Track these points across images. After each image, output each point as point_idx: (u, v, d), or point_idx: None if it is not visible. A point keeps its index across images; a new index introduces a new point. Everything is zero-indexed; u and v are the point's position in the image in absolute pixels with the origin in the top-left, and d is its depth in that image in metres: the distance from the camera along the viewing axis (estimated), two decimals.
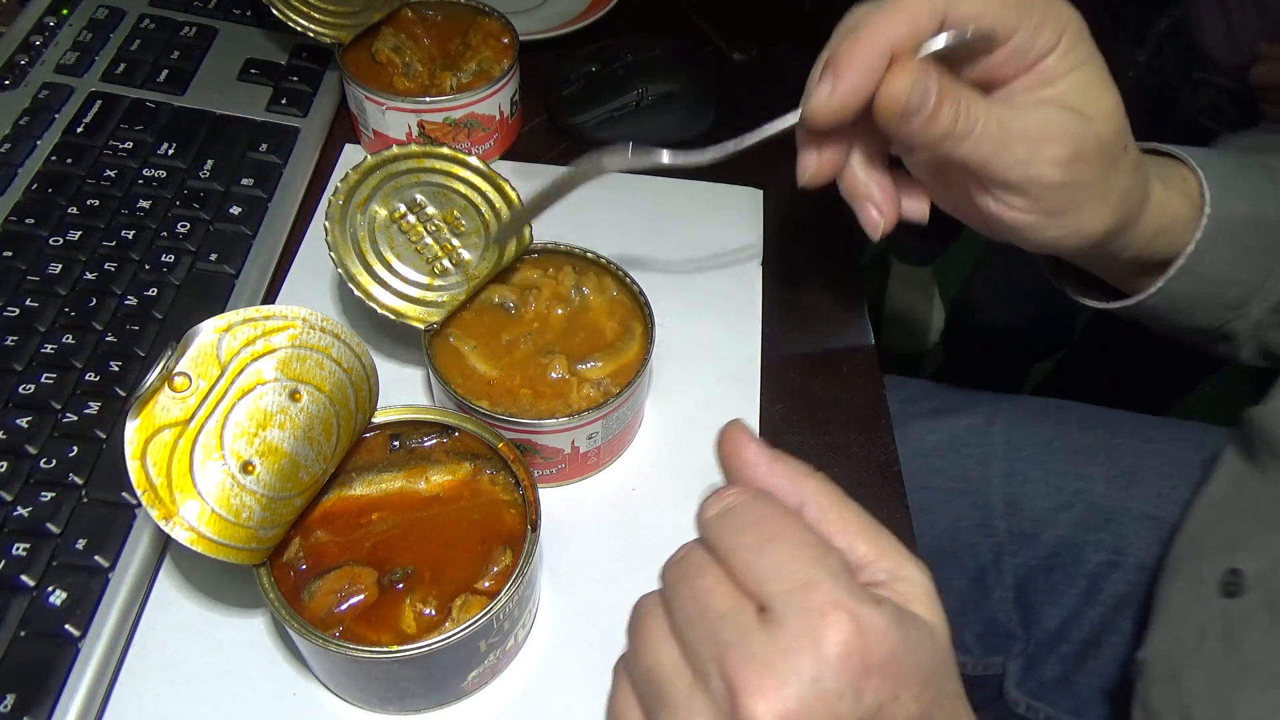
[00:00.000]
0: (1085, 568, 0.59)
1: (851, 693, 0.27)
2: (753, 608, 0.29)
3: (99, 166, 0.53)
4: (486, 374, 0.44)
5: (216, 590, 0.42)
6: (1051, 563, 0.60)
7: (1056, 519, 0.60)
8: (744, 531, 0.30)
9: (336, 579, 0.36)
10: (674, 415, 0.50)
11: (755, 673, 0.27)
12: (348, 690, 0.39)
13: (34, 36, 0.59)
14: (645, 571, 0.44)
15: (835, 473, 0.48)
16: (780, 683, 0.27)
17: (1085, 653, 0.58)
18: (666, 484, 0.47)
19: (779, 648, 0.28)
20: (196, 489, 0.34)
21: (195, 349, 0.35)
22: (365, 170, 0.46)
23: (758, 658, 0.28)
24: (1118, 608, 0.58)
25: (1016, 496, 0.61)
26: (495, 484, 0.40)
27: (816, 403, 0.52)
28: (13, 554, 0.39)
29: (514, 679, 0.41)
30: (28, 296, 0.47)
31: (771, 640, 0.28)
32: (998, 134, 0.38)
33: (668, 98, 0.62)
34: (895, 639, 0.28)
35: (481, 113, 0.57)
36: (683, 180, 0.62)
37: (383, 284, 0.44)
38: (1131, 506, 0.59)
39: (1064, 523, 0.60)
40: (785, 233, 0.60)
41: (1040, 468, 0.61)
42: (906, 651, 0.28)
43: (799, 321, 0.55)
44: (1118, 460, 0.61)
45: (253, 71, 0.60)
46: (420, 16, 0.61)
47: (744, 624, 0.29)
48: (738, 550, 0.30)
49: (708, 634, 0.29)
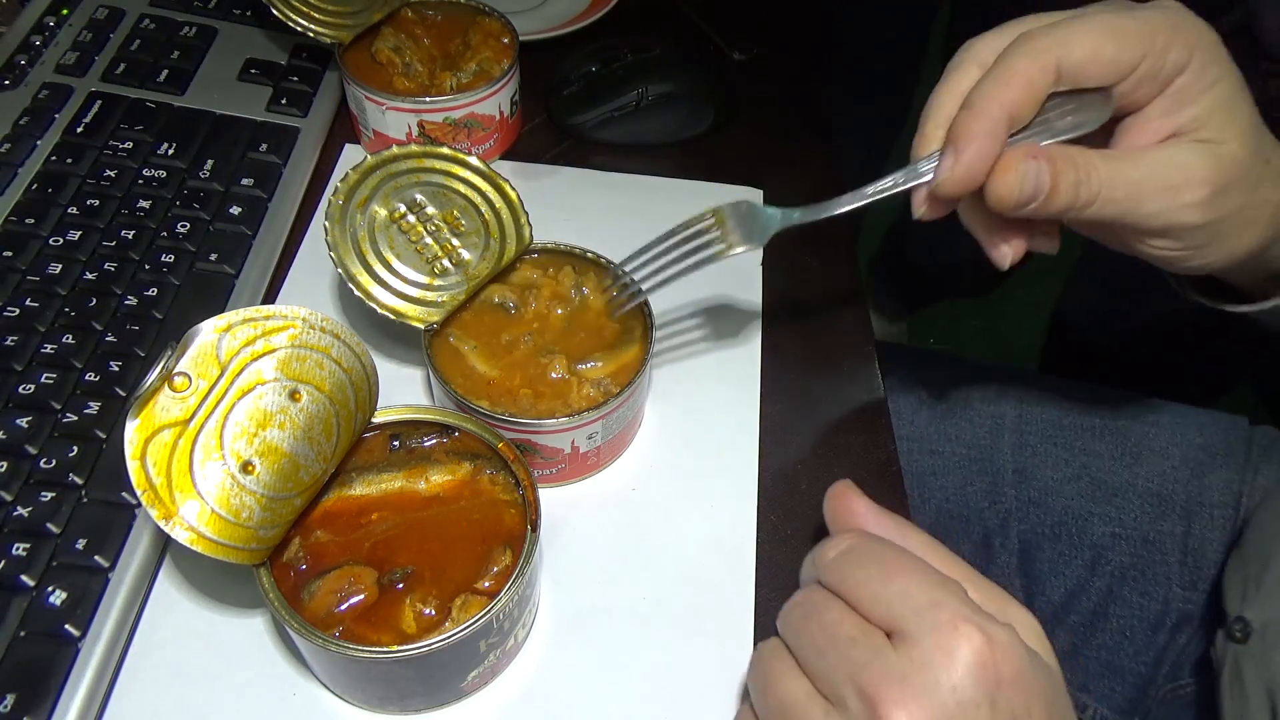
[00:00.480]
0: (1090, 538, 0.60)
1: (988, 702, 0.28)
2: (881, 633, 0.30)
3: (99, 166, 0.53)
4: (486, 374, 0.44)
5: (216, 590, 0.42)
6: (1058, 531, 0.61)
7: (1064, 489, 0.61)
8: (866, 565, 0.32)
9: (336, 579, 0.36)
10: (674, 415, 0.50)
11: (894, 686, 0.29)
12: (348, 690, 0.39)
13: (34, 36, 0.59)
14: (645, 571, 0.44)
15: (835, 473, 0.49)
16: (918, 693, 0.28)
17: (1094, 624, 0.60)
18: (666, 484, 0.47)
19: (914, 662, 0.29)
20: (196, 489, 0.34)
21: (195, 349, 0.35)
22: (365, 170, 0.46)
23: (894, 672, 0.29)
24: (1123, 579, 0.59)
25: (1026, 466, 0.62)
26: (495, 484, 0.40)
27: (816, 403, 0.52)
28: (13, 554, 0.39)
29: (514, 679, 0.41)
30: (28, 296, 0.47)
31: (906, 656, 0.29)
32: (1127, 193, 0.37)
33: (668, 98, 0.62)
34: (1022, 653, 0.29)
35: (481, 113, 0.57)
36: (683, 180, 0.62)
37: (383, 284, 0.44)
38: (1136, 483, 0.61)
39: (1071, 493, 0.61)
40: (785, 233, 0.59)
41: (1049, 441, 0.63)
42: (1033, 669, 0.30)
43: (799, 321, 0.55)
44: (1123, 439, 0.62)
45: (253, 71, 0.60)
46: (420, 16, 0.61)
47: (876, 645, 0.30)
48: (864, 583, 0.32)
49: (840, 659, 0.30)
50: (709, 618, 0.43)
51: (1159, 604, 0.59)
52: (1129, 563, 0.59)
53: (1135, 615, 0.59)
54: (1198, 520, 0.59)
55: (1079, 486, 0.61)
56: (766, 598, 0.44)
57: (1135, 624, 0.59)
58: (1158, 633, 0.59)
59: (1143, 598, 0.59)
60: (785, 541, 0.46)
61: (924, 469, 0.63)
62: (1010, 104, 0.36)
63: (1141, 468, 0.61)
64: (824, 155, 0.65)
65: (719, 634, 0.42)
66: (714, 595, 0.44)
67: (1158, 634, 0.59)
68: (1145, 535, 0.60)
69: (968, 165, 0.37)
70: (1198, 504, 0.59)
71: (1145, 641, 0.59)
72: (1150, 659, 0.59)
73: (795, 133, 0.66)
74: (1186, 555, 0.59)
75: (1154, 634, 0.59)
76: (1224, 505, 0.59)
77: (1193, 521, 0.59)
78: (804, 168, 0.64)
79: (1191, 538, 0.59)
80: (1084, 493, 0.61)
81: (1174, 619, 0.58)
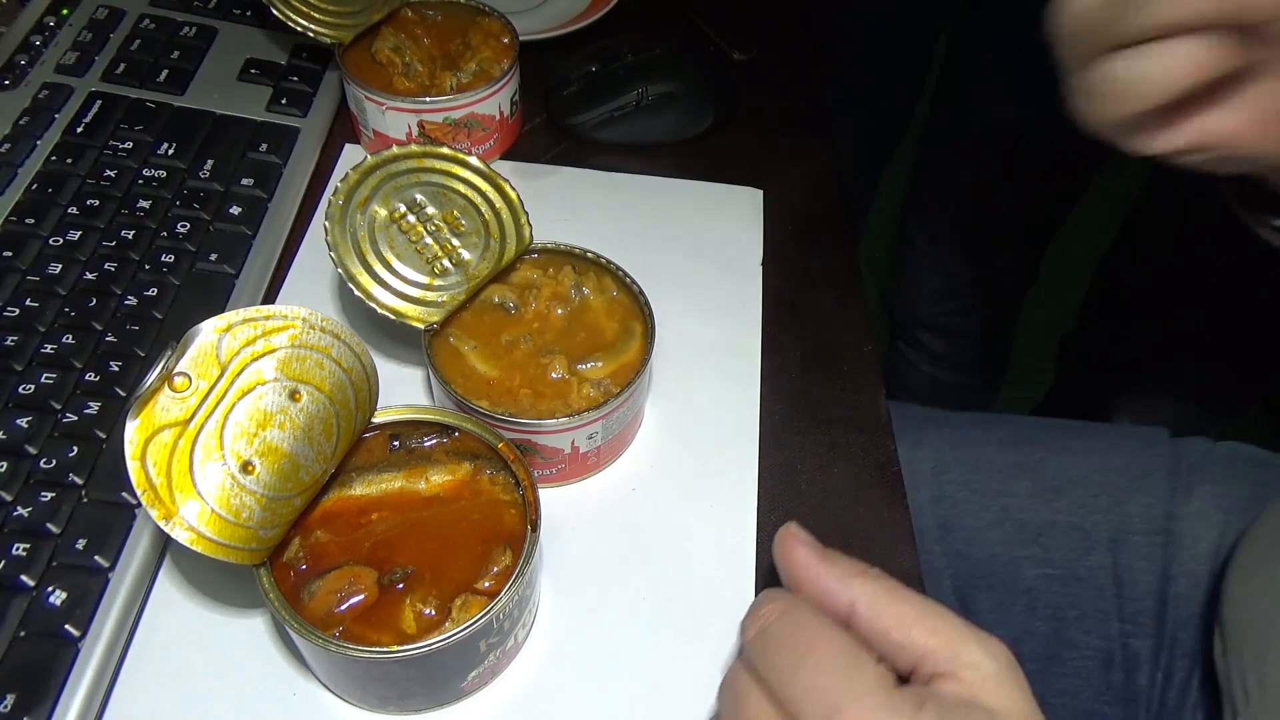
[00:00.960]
0: (1022, 583, 0.59)
1: None
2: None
3: (99, 166, 0.53)
4: (486, 374, 0.44)
5: (216, 590, 0.42)
6: (990, 580, 0.60)
7: (987, 536, 0.60)
8: (778, 652, 0.32)
9: (336, 579, 0.36)
10: (674, 415, 0.50)
11: None
12: (348, 690, 0.39)
13: (34, 36, 0.59)
14: (645, 571, 0.44)
15: (835, 473, 0.49)
16: None
17: (1049, 669, 0.58)
18: (666, 484, 0.47)
19: None
20: (196, 489, 0.34)
21: (195, 349, 0.35)
22: (365, 170, 0.46)
23: None
24: (1064, 620, 0.58)
25: (947, 519, 0.61)
26: (495, 484, 0.40)
27: (816, 403, 0.52)
28: (13, 554, 0.39)
29: (514, 679, 0.41)
30: (28, 296, 0.47)
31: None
32: None
33: (668, 98, 0.62)
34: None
35: (481, 113, 0.57)
36: (683, 180, 0.62)
37: (383, 284, 0.44)
38: (1057, 519, 0.59)
39: (995, 540, 0.60)
40: (785, 233, 0.60)
41: (967, 488, 0.61)
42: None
43: (799, 321, 0.55)
44: (1039, 474, 0.61)
45: (253, 71, 0.60)
46: (420, 16, 0.61)
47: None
48: (774, 673, 0.31)
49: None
50: (709, 618, 0.43)
51: (1104, 640, 0.58)
52: (1066, 603, 0.58)
53: (1085, 655, 0.57)
54: (1124, 550, 0.58)
55: (1002, 532, 0.60)
56: None
57: (1088, 664, 0.57)
58: (1110, 671, 0.57)
59: (1088, 636, 0.58)
60: None
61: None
62: None
63: (1061, 502, 0.60)
64: (824, 155, 0.65)
65: (719, 634, 0.42)
66: (714, 595, 0.44)
67: (1110, 672, 0.57)
68: (1074, 572, 0.58)
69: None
70: (1122, 533, 0.58)
71: (1103, 681, 0.57)
72: (1112, 698, 0.57)
73: (795, 133, 0.66)
74: (1120, 588, 0.58)
75: (1107, 672, 0.57)
76: (1148, 532, 0.58)
77: (1119, 552, 0.58)
78: (804, 168, 0.64)
79: (1120, 568, 0.58)
80: (1008, 537, 0.60)
81: (1122, 656, 0.57)
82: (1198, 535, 0.57)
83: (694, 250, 0.57)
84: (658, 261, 0.56)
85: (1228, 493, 0.57)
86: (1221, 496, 0.57)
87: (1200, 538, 0.57)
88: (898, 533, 0.47)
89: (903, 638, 0.31)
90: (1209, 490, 0.58)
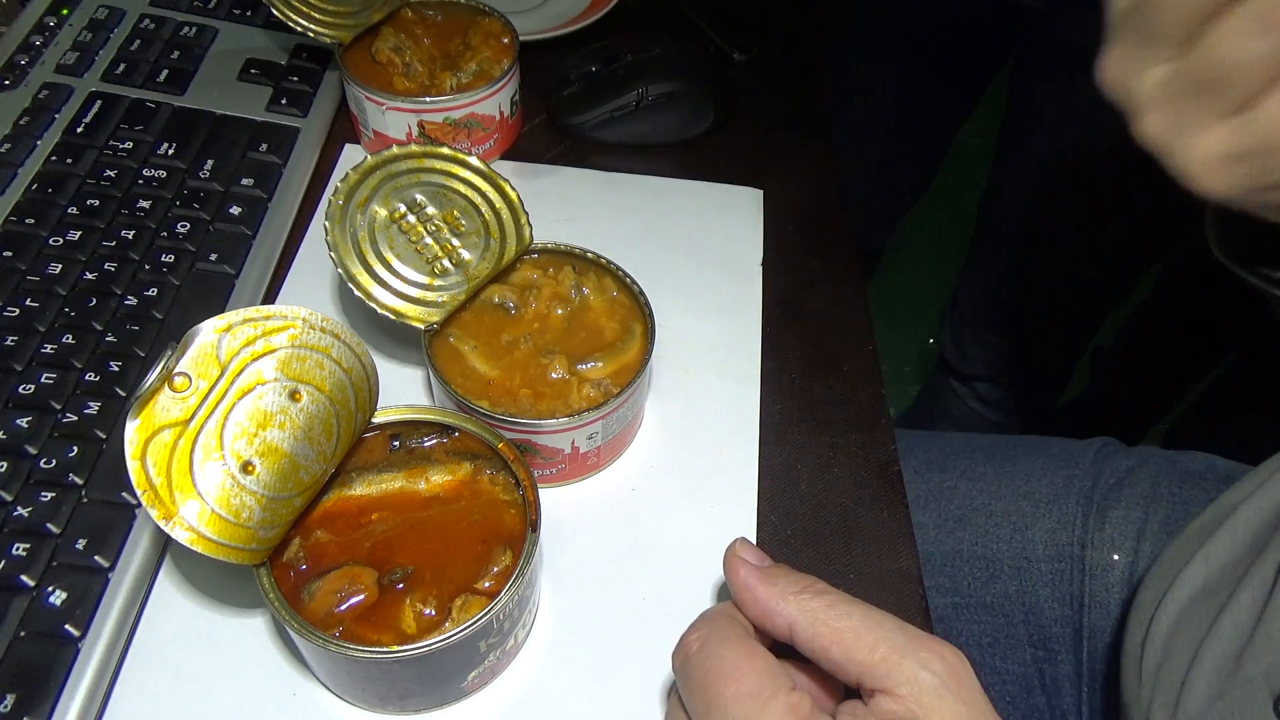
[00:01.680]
0: (935, 611, 0.59)
1: None
2: None
3: (99, 166, 0.53)
4: (486, 374, 0.44)
5: (216, 590, 0.42)
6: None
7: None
8: (696, 690, 0.32)
9: (336, 579, 0.36)
10: (674, 415, 0.50)
11: None
12: (348, 690, 0.39)
13: (34, 36, 0.59)
14: (645, 571, 0.44)
15: (835, 473, 0.49)
16: None
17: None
18: (666, 484, 0.47)
19: None
20: (196, 489, 0.34)
21: (195, 349, 0.35)
22: (365, 170, 0.46)
23: None
24: (979, 647, 0.59)
25: None
26: (495, 484, 0.40)
27: (816, 403, 0.52)
28: (13, 554, 0.39)
29: (514, 679, 0.41)
30: (28, 296, 0.47)
31: None
32: None
33: (668, 98, 0.62)
34: None
35: (481, 113, 0.57)
36: (683, 180, 0.62)
37: (383, 284, 0.44)
38: (962, 549, 0.60)
39: None
40: (785, 233, 0.60)
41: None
42: None
43: (799, 321, 0.55)
44: (944, 505, 0.61)
45: (253, 71, 0.60)
46: (420, 16, 0.61)
47: None
48: (693, 711, 0.33)
49: None
50: None
51: (1021, 666, 0.58)
52: (978, 630, 0.59)
53: (1005, 680, 0.58)
54: (1029, 578, 0.58)
55: None
56: None
57: (1009, 689, 0.58)
58: (1033, 694, 0.58)
59: (1004, 662, 0.58)
60: (785, 542, 0.46)
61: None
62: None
63: (965, 533, 0.60)
64: (824, 155, 0.65)
65: None
66: (714, 595, 0.44)
67: (1034, 696, 0.58)
68: (982, 601, 0.59)
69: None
70: (1025, 561, 0.58)
71: (1027, 705, 0.58)
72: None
73: (795, 133, 0.66)
74: (1030, 615, 0.58)
75: (1030, 696, 0.58)
76: (1053, 559, 0.58)
77: (1024, 580, 0.58)
78: (804, 168, 0.64)
79: (1027, 595, 0.58)
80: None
81: (1040, 682, 0.57)
82: (1108, 565, 0.57)
83: (694, 250, 0.57)
84: (658, 261, 0.56)
85: (1140, 518, 0.57)
86: (1133, 523, 0.57)
87: (1110, 567, 0.56)
88: (898, 532, 0.47)
89: (841, 655, 0.32)
90: (1120, 515, 0.57)
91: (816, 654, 0.32)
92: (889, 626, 0.32)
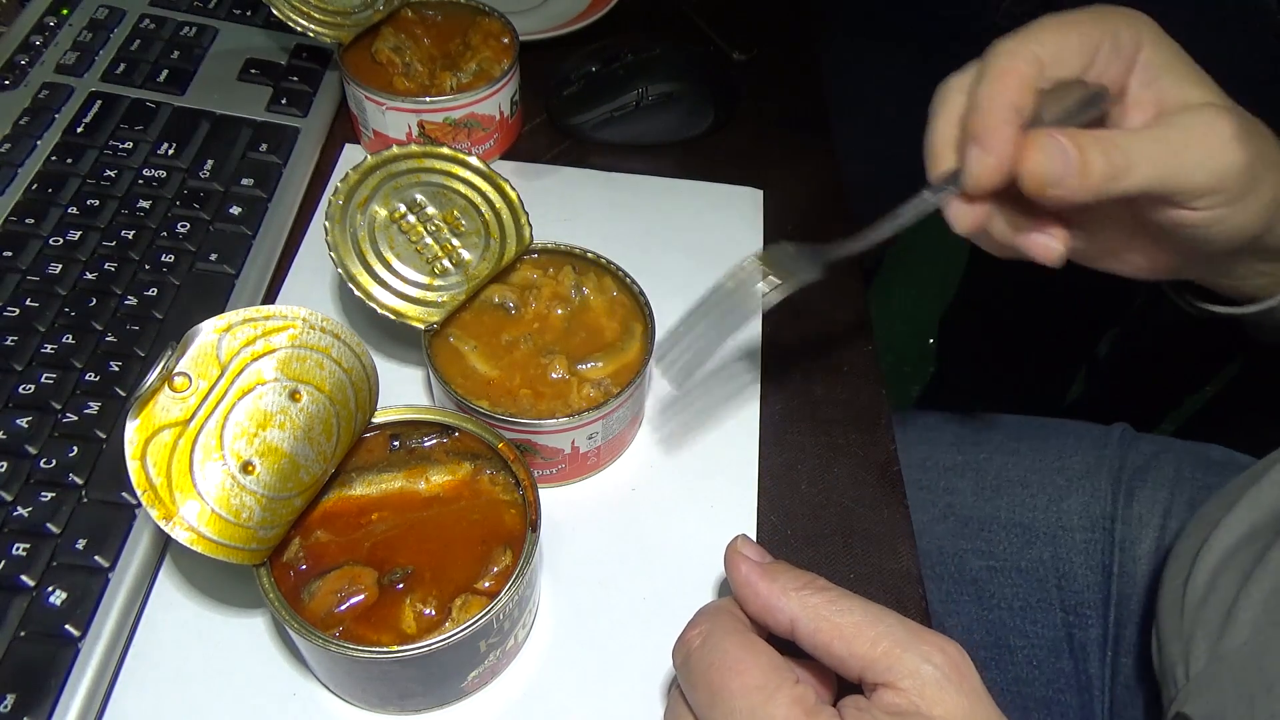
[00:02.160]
0: (969, 574, 0.61)
1: None
2: None
3: (99, 166, 0.53)
4: (486, 374, 0.44)
5: (216, 590, 0.42)
6: (939, 572, 0.62)
7: (934, 529, 0.62)
8: (698, 686, 0.33)
9: (336, 579, 0.36)
10: (674, 415, 0.50)
11: None
12: (348, 690, 0.39)
13: (34, 36, 0.59)
14: (645, 571, 0.44)
15: (835, 473, 0.49)
16: None
17: (1001, 658, 0.60)
18: (666, 484, 0.47)
19: None
20: (196, 489, 0.34)
21: (195, 349, 0.35)
22: (365, 170, 0.46)
23: None
24: (1011, 609, 0.60)
25: None
26: (495, 484, 0.40)
27: (816, 403, 0.52)
28: (13, 554, 0.39)
29: (514, 679, 0.41)
30: (28, 296, 0.47)
31: None
32: (1162, 152, 0.37)
33: (668, 98, 0.62)
34: None
35: (481, 113, 0.57)
36: (683, 180, 0.62)
37: (383, 284, 0.44)
38: (999, 516, 0.61)
39: (941, 533, 0.62)
40: (785, 233, 0.60)
41: (914, 486, 0.63)
42: None
43: (799, 321, 0.55)
44: (981, 474, 0.63)
45: (253, 71, 0.60)
46: (420, 16, 0.61)
47: None
48: (696, 707, 0.33)
49: None
50: None
51: (1051, 630, 0.59)
52: (1010, 594, 0.60)
53: (1034, 644, 0.59)
54: (1063, 545, 0.60)
55: (947, 526, 0.62)
56: None
57: (1037, 653, 0.59)
58: (1060, 658, 0.59)
59: (1035, 625, 0.59)
60: (785, 541, 0.46)
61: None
62: (1011, 98, 0.37)
63: (1002, 501, 0.62)
64: (824, 155, 0.65)
65: None
66: (714, 595, 0.44)
67: (1060, 659, 0.59)
68: (1017, 565, 0.60)
69: (996, 152, 0.37)
70: (1060, 529, 0.60)
71: (1053, 669, 0.59)
72: (1064, 685, 0.59)
73: (795, 133, 0.66)
74: (1062, 580, 0.59)
75: (1057, 659, 0.59)
76: (1086, 529, 0.60)
77: (1059, 547, 0.60)
78: (804, 168, 0.64)
79: (1060, 561, 0.60)
80: (953, 531, 0.62)
81: (1069, 646, 0.59)
82: (1136, 538, 0.58)
83: (694, 250, 0.57)
84: (658, 261, 0.56)
85: (1167, 498, 0.59)
86: (1160, 502, 0.59)
87: (1139, 540, 0.58)
88: (898, 532, 0.47)
89: (844, 650, 0.32)
90: (1148, 495, 0.59)
91: (818, 649, 0.33)
92: (890, 621, 0.32)
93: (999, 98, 0.37)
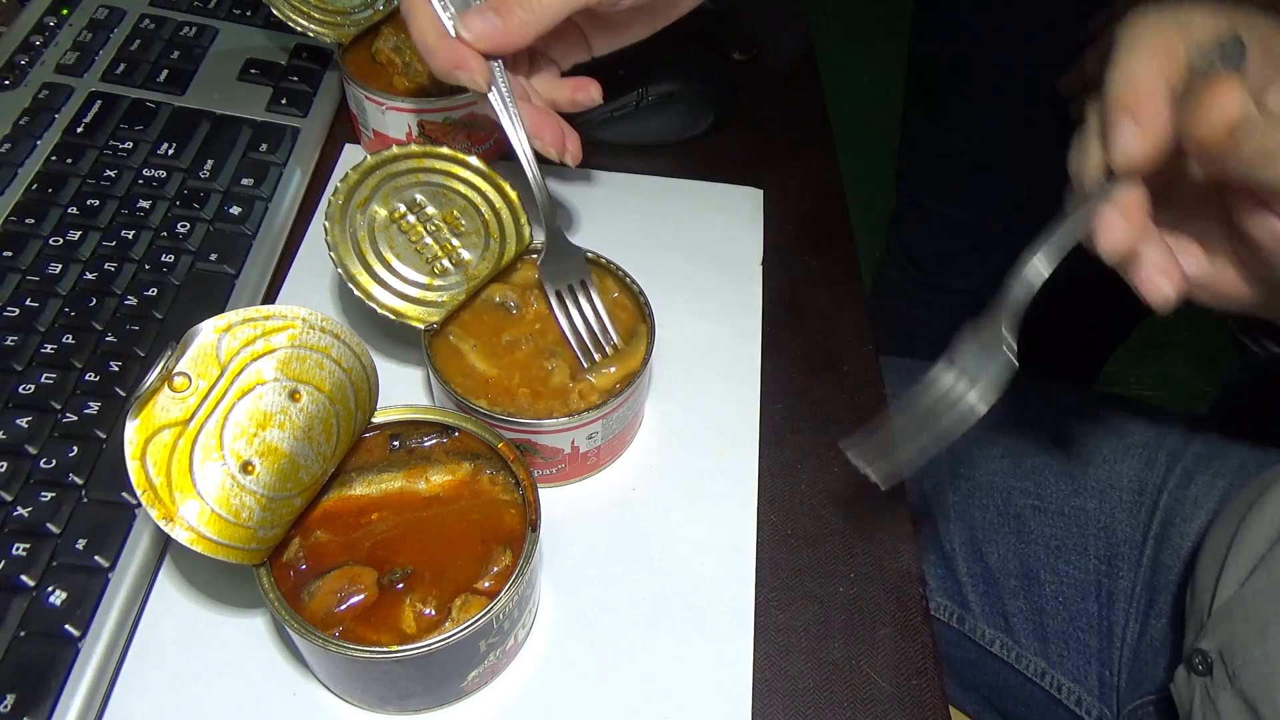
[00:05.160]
0: (1013, 509, 0.63)
1: None
2: None
3: (99, 166, 0.53)
4: (486, 374, 0.44)
5: (216, 590, 0.42)
6: (985, 502, 0.64)
7: (988, 464, 0.65)
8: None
9: (336, 579, 0.36)
10: (674, 415, 0.50)
11: None
12: (348, 690, 0.39)
13: (34, 36, 0.59)
14: (645, 571, 0.44)
15: (835, 473, 0.49)
16: None
17: (1030, 588, 0.62)
18: (666, 484, 0.47)
19: None
20: (196, 489, 0.34)
21: (195, 349, 0.35)
22: (365, 170, 0.46)
23: None
24: (1047, 547, 0.62)
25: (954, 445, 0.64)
26: (495, 484, 0.40)
27: (816, 403, 0.52)
28: (13, 554, 0.39)
29: (514, 679, 0.41)
30: (28, 296, 0.47)
31: None
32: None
33: (668, 98, 0.62)
34: None
35: (481, 113, 0.57)
36: (683, 180, 0.62)
37: (383, 284, 0.44)
38: (1052, 464, 0.64)
39: (994, 469, 0.65)
40: (785, 233, 0.60)
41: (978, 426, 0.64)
42: None
43: (799, 321, 0.55)
44: (1044, 428, 0.66)
45: (253, 71, 0.60)
46: None
47: None
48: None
49: None
50: (709, 618, 0.43)
51: (1082, 573, 0.61)
52: (1049, 534, 0.62)
53: (1064, 582, 0.61)
54: (1108, 500, 0.62)
55: (1001, 464, 0.64)
56: (766, 598, 0.44)
57: (1065, 591, 0.61)
58: (1087, 600, 0.61)
59: (1068, 566, 0.61)
60: (785, 541, 0.46)
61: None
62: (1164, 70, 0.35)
63: (1058, 450, 0.64)
64: (824, 155, 0.65)
65: (719, 634, 0.42)
66: (714, 595, 0.44)
67: (1087, 601, 0.61)
68: (1061, 509, 0.62)
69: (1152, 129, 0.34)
70: (1109, 486, 0.62)
71: (1078, 609, 0.61)
72: (1085, 625, 0.60)
73: (795, 133, 0.66)
74: (1102, 531, 0.61)
75: (1084, 601, 0.61)
76: (1131, 490, 0.62)
77: (1104, 500, 0.62)
78: (804, 168, 0.64)
79: (1105, 515, 0.62)
80: (1006, 469, 0.64)
81: (1098, 591, 0.61)
82: (1188, 517, 0.59)
83: (694, 250, 0.57)
84: (658, 261, 0.56)
85: (1226, 487, 0.60)
86: (1218, 490, 0.60)
87: (1190, 518, 0.59)
88: (898, 532, 0.47)
89: None
90: (1208, 481, 0.60)
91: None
92: None
93: (1147, 67, 0.35)
